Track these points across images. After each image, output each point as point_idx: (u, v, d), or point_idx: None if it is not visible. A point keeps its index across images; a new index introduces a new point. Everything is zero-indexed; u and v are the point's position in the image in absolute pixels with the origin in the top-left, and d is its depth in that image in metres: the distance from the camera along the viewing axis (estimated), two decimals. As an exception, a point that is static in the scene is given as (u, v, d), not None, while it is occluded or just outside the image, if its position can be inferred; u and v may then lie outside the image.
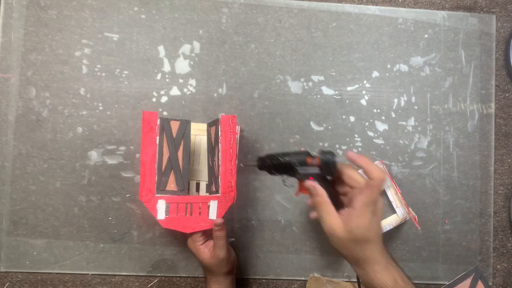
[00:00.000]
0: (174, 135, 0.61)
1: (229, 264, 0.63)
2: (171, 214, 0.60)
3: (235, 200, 0.61)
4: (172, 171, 0.61)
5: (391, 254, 0.53)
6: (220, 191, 0.60)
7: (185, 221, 0.60)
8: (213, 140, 0.63)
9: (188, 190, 0.67)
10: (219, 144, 0.60)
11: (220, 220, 0.60)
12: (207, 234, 0.63)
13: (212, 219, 0.60)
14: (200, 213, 0.60)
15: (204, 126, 0.68)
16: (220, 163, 0.60)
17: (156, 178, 0.60)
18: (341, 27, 0.76)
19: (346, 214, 0.51)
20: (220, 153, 0.60)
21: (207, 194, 0.67)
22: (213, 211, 0.60)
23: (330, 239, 0.52)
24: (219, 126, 0.60)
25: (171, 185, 0.60)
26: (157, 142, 0.60)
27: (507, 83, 0.78)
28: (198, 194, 0.68)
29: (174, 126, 0.61)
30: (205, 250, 0.62)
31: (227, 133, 0.60)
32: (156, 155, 0.60)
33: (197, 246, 0.62)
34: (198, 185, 0.69)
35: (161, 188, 0.60)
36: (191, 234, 0.61)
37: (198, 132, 0.68)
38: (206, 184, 0.69)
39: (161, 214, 0.59)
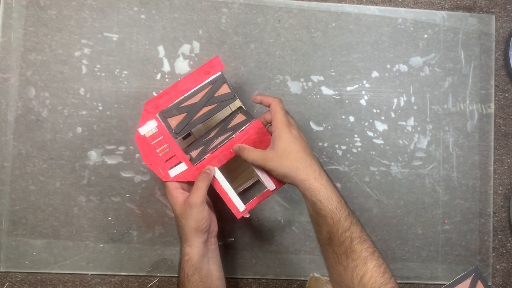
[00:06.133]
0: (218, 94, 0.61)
1: (200, 218, 0.57)
2: (149, 137, 0.59)
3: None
4: (185, 114, 0.60)
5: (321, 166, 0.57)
6: (196, 165, 0.60)
7: (151, 152, 0.60)
8: (231, 124, 0.63)
9: (189, 135, 0.67)
10: (233, 136, 0.60)
11: (213, 168, 0.60)
12: (184, 187, 0.61)
13: (168, 174, 0.60)
14: (167, 161, 0.60)
15: (238, 103, 0.65)
16: (219, 147, 0.60)
17: (169, 105, 0.60)
18: (340, 27, 0.76)
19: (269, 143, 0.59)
20: (226, 142, 0.60)
21: (184, 148, 0.65)
22: (175, 171, 0.60)
23: (264, 166, 0.57)
24: (248, 124, 0.61)
25: (173, 121, 0.60)
26: (202, 85, 0.60)
27: (506, 83, 0.78)
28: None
29: (224, 89, 0.61)
30: (177, 195, 0.59)
31: (245, 134, 0.60)
32: (189, 91, 0.60)
33: (171, 188, 0.59)
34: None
35: (165, 115, 0.60)
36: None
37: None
38: (189, 146, 0.65)
39: (144, 130, 0.59)
